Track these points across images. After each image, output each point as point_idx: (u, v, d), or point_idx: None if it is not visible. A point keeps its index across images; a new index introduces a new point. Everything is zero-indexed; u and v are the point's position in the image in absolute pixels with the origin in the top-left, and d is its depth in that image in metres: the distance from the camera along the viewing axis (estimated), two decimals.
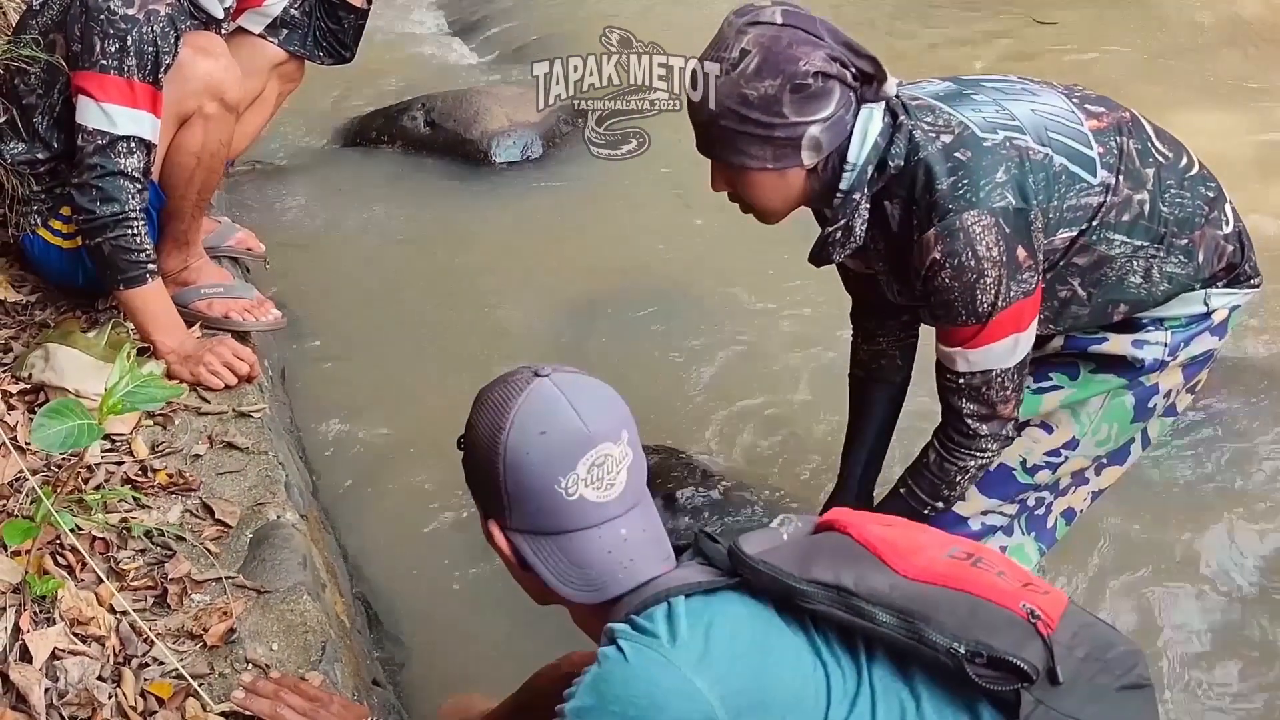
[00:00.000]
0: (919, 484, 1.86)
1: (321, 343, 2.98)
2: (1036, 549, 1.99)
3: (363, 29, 2.61)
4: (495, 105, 3.91)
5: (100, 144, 2.09)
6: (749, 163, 1.64)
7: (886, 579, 1.20)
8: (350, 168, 3.82)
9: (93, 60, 2.08)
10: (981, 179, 1.63)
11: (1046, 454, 1.91)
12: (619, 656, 1.16)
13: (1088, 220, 1.71)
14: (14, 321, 2.29)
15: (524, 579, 1.33)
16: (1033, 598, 1.19)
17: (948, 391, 1.78)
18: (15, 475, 1.81)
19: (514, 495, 1.26)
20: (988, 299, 1.66)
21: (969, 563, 1.22)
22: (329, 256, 3.31)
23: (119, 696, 1.51)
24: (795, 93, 1.58)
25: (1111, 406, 1.88)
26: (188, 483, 1.94)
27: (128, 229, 2.12)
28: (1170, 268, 1.77)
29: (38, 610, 1.59)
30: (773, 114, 1.59)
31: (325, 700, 1.53)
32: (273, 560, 1.81)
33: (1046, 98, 1.76)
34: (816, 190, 1.69)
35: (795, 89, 1.58)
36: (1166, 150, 1.79)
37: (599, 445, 1.25)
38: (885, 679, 1.19)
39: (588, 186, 3.65)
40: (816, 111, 1.60)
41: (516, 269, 3.30)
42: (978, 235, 1.63)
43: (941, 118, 1.68)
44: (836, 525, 1.28)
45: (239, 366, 2.21)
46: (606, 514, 1.26)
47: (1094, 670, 1.18)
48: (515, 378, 1.30)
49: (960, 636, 1.15)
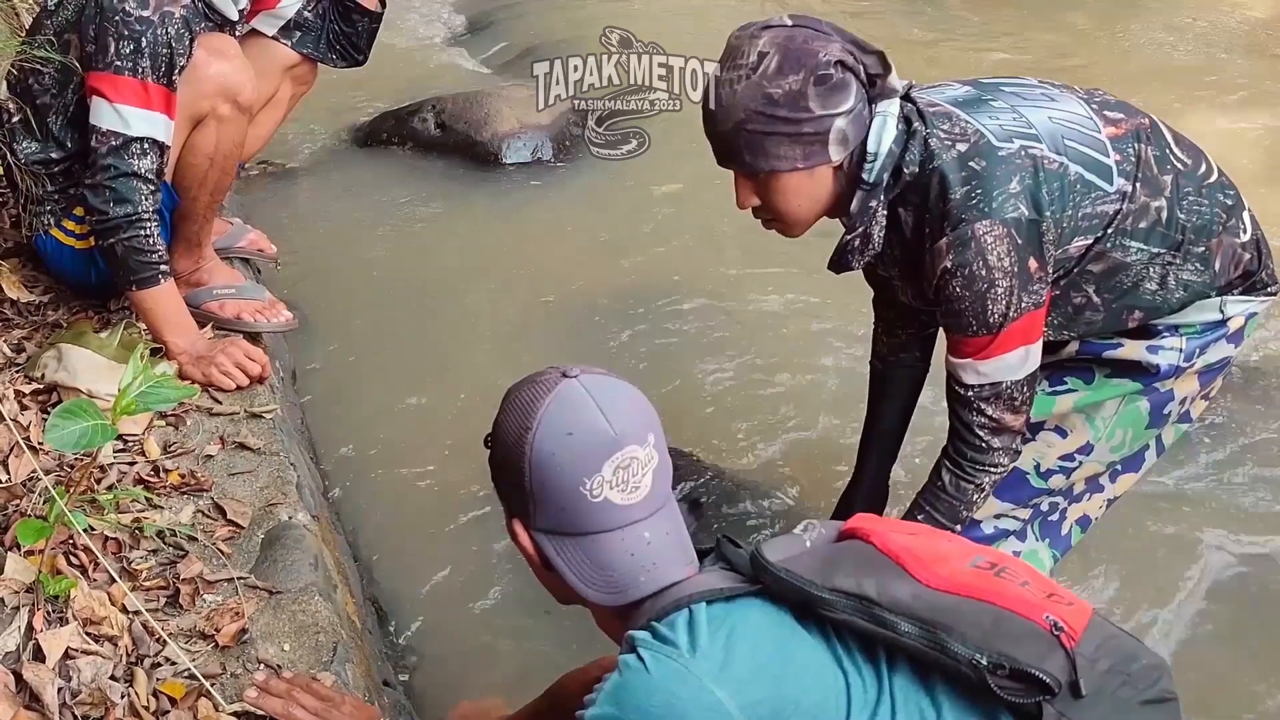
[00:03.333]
0: (937, 508, 1.83)
1: (333, 344, 2.98)
2: (1051, 555, 1.99)
3: (375, 32, 2.62)
4: (506, 107, 3.91)
5: (114, 145, 2.09)
6: (779, 165, 1.64)
7: (909, 588, 1.19)
8: (361, 169, 3.83)
9: (107, 61, 2.08)
10: (995, 189, 1.63)
11: (1061, 458, 1.91)
12: (640, 666, 1.16)
13: (1104, 227, 1.71)
14: (27, 322, 2.30)
15: (547, 579, 1.33)
16: (1056, 609, 1.18)
17: (958, 404, 1.77)
18: (29, 475, 1.82)
19: (539, 495, 1.26)
20: (998, 309, 1.66)
21: (992, 573, 1.22)
22: (340, 258, 3.31)
23: (131, 696, 1.52)
24: (819, 84, 1.58)
25: (1126, 412, 1.88)
26: (200, 483, 1.95)
27: (140, 230, 2.12)
28: (1186, 275, 1.77)
29: (51, 610, 1.59)
30: (800, 109, 1.59)
31: (337, 700, 1.53)
32: (284, 561, 1.81)
33: (1065, 104, 1.75)
34: (843, 189, 1.69)
35: (819, 80, 1.58)
36: (1185, 157, 1.79)
37: (625, 448, 1.25)
38: (906, 688, 1.18)
39: (598, 188, 3.65)
40: (840, 103, 1.61)
41: (529, 270, 3.29)
42: (989, 245, 1.63)
43: (958, 125, 1.68)
44: (860, 533, 1.28)
45: (250, 367, 2.21)
46: (630, 516, 1.26)
47: (1117, 683, 1.17)
48: (543, 378, 1.30)
49: (983, 648, 1.14)
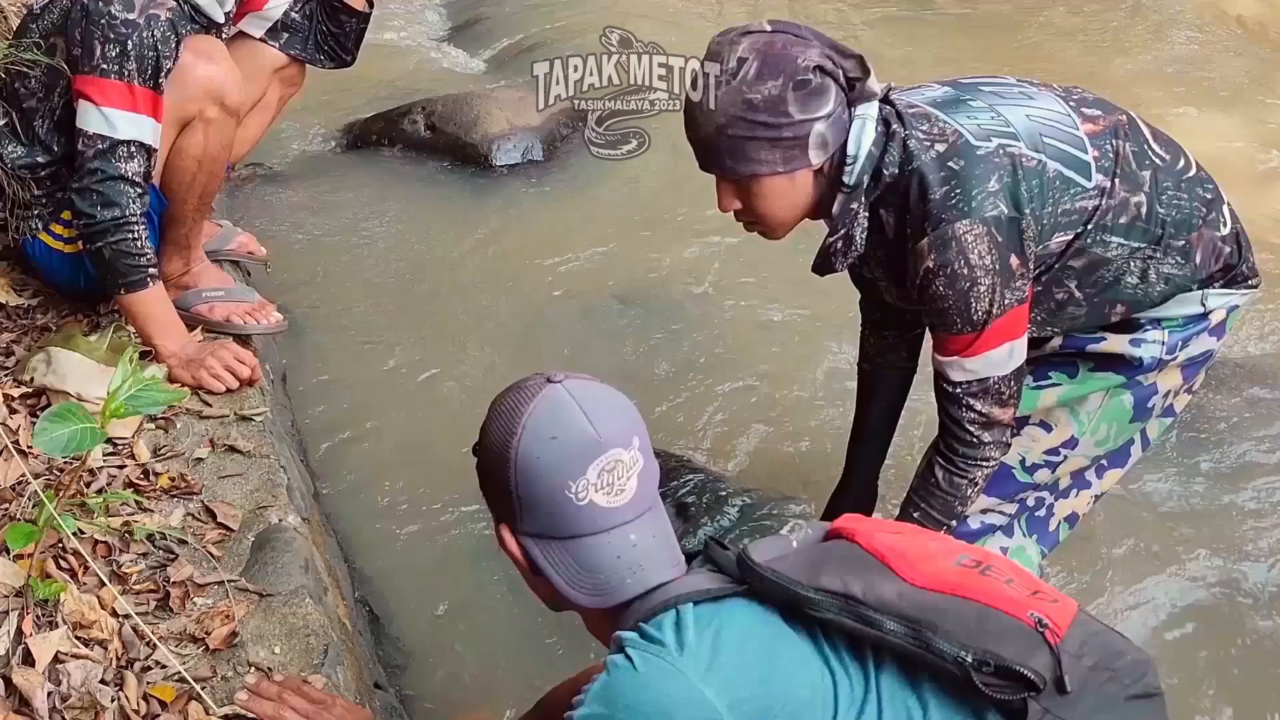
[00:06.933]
0: (932, 504, 1.84)
1: (323, 345, 2.98)
2: (1038, 551, 2.00)
3: (364, 32, 2.61)
4: (495, 108, 3.91)
5: (101, 148, 2.09)
6: (759, 169, 1.65)
7: (895, 587, 1.20)
8: (351, 171, 3.82)
9: (93, 64, 2.08)
10: (974, 188, 1.64)
11: (1046, 453, 1.92)
12: (628, 665, 1.17)
13: (1083, 223, 1.72)
14: (15, 325, 2.29)
15: (535, 583, 1.33)
16: (1041, 606, 1.19)
17: (947, 401, 1.78)
18: (17, 479, 1.82)
19: (525, 499, 1.27)
20: (982, 307, 1.67)
21: (977, 570, 1.22)
22: (330, 260, 3.31)
23: (121, 700, 1.52)
24: (798, 89, 1.59)
25: (1110, 406, 1.89)
26: (189, 486, 1.95)
27: (128, 233, 2.12)
28: (1167, 269, 1.78)
29: (40, 614, 1.59)
30: (779, 114, 1.60)
31: (328, 703, 1.53)
32: (275, 563, 1.81)
33: (1043, 102, 1.76)
34: (824, 192, 1.70)
35: (798, 86, 1.59)
36: (1164, 152, 1.80)
37: (609, 451, 1.25)
38: (893, 687, 1.19)
39: (588, 190, 3.65)
40: (819, 108, 1.62)
41: (518, 272, 3.29)
42: (970, 244, 1.64)
43: (937, 126, 1.69)
44: (846, 533, 1.29)
45: (240, 370, 2.21)
46: (616, 519, 1.26)
47: (1102, 679, 1.17)
48: (528, 384, 1.31)
49: (968, 645, 1.15)
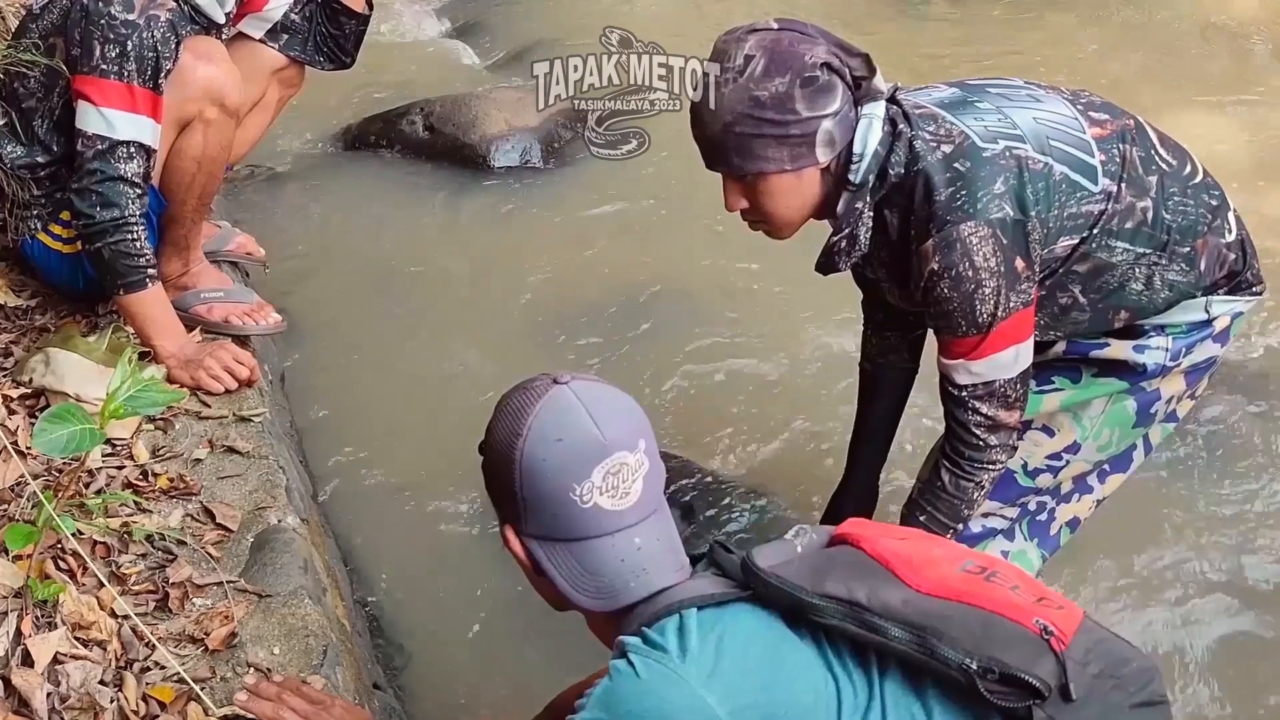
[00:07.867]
0: (938, 508, 1.83)
1: (321, 347, 2.97)
2: (1039, 555, 2.00)
3: (363, 34, 2.61)
4: (494, 110, 3.90)
5: (100, 149, 2.09)
6: (766, 167, 1.64)
7: (899, 593, 1.19)
8: (350, 172, 3.81)
9: (92, 65, 2.08)
10: (979, 190, 1.64)
11: (1048, 457, 1.92)
12: (630, 671, 1.16)
13: (1089, 228, 1.72)
14: (14, 326, 2.29)
15: (539, 584, 1.33)
16: (1046, 613, 1.19)
17: (953, 405, 1.78)
18: (16, 480, 1.81)
19: (529, 501, 1.27)
20: (987, 309, 1.67)
21: (982, 577, 1.22)
22: (329, 260, 3.30)
23: (121, 701, 1.52)
24: (805, 86, 1.59)
25: (1113, 411, 1.89)
26: (188, 487, 1.94)
27: (127, 234, 2.12)
28: (1172, 275, 1.78)
29: (39, 615, 1.59)
30: (787, 111, 1.60)
31: (327, 703, 1.53)
32: (274, 564, 1.81)
33: (1050, 105, 1.76)
34: (830, 190, 1.70)
35: (805, 83, 1.59)
36: (1171, 158, 1.80)
37: (615, 454, 1.25)
38: (897, 693, 1.19)
39: (587, 191, 3.64)
40: (827, 105, 1.61)
41: (517, 274, 3.29)
42: (975, 246, 1.64)
43: (944, 127, 1.69)
44: (850, 538, 1.28)
45: (239, 370, 2.21)
46: (621, 522, 1.26)
47: (1107, 687, 1.17)
48: (535, 384, 1.31)
49: (972, 652, 1.15)
